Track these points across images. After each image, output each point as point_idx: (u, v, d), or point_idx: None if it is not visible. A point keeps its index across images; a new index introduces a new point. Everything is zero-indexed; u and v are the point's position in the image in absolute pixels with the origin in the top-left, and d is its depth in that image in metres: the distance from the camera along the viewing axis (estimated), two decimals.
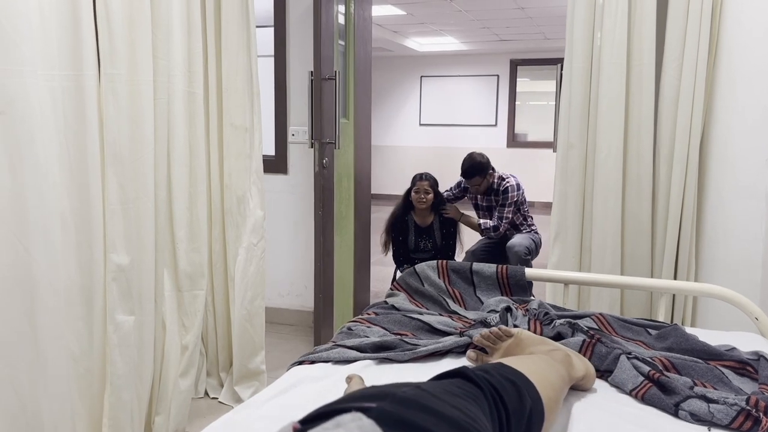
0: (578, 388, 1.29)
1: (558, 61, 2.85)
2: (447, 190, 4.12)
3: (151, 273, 2.14)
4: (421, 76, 10.06)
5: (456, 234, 3.88)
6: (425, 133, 10.12)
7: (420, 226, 3.86)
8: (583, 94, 2.51)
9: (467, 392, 0.87)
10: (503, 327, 1.38)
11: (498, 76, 9.62)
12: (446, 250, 3.86)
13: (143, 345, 2.12)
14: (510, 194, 3.83)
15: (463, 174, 3.87)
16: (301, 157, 3.70)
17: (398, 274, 3.98)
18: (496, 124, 9.70)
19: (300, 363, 1.41)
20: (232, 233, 2.68)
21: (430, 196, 3.78)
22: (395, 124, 10.27)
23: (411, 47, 9.04)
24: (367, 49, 3.75)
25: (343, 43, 3.53)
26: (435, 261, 1.97)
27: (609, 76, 2.43)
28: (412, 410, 0.72)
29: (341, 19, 3.46)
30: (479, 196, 3.99)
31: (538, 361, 1.19)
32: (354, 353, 1.43)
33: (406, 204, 3.87)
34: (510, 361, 1.09)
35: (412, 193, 3.82)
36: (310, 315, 3.69)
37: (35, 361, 1.70)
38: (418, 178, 3.84)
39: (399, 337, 1.52)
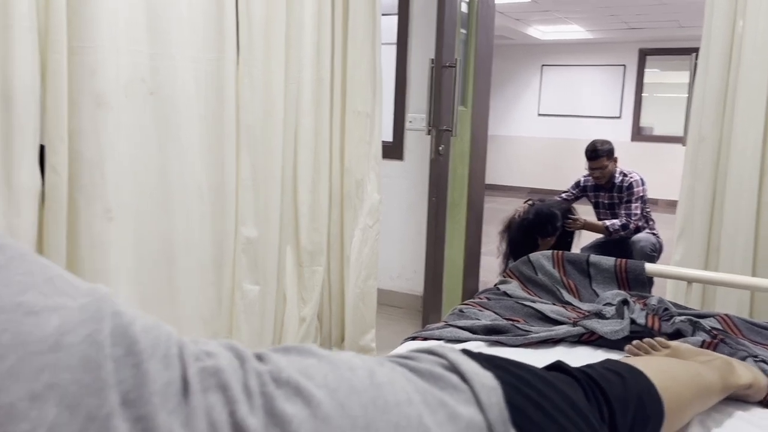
0: (743, 398, 1.24)
1: (692, 51, 2.70)
2: (564, 192, 4.01)
3: (275, 247, 2.29)
4: (542, 65, 9.80)
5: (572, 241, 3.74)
6: (544, 124, 9.87)
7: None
8: (720, 85, 2.37)
9: (563, 380, 0.88)
10: (659, 339, 1.34)
11: (624, 66, 9.18)
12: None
13: (265, 314, 2.27)
14: (635, 189, 3.67)
15: (589, 155, 3.74)
16: (417, 143, 3.75)
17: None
18: (620, 117, 9.28)
19: (413, 338, 1.47)
20: (350, 215, 2.79)
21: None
22: (513, 114, 10.09)
23: (533, 35, 8.83)
24: (489, 37, 3.73)
25: (465, 31, 3.53)
26: (550, 251, 1.96)
27: (750, 67, 2.27)
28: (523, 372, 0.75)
29: (464, 7, 3.46)
30: (600, 193, 3.85)
31: (668, 361, 1.17)
32: (466, 334, 1.46)
33: (528, 239, 3.13)
34: (632, 360, 1.08)
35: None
36: (418, 299, 3.75)
37: (171, 321, 1.88)
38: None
39: (511, 322, 1.54)
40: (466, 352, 0.74)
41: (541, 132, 9.86)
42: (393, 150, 3.79)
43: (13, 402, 0.36)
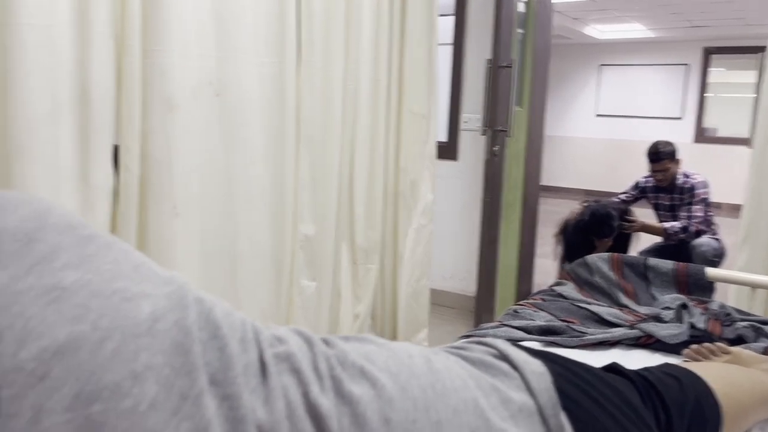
0: None
1: (760, 50, 2.61)
2: (623, 193, 3.92)
3: (331, 244, 2.34)
4: (600, 65, 9.60)
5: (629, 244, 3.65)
6: (602, 125, 9.66)
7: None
8: None
9: (617, 380, 0.88)
10: (720, 344, 1.32)
11: (687, 65, 8.90)
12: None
13: (321, 309, 2.33)
14: (698, 191, 3.55)
15: (652, 157, 3.63)
16: (471, 144, 3.75)
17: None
18: (681, 117, 9.00)
19: (467, 337, 1.49)
20: (404, 214, 2.82)
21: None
22: (569, 114, 9.92)
23: (590, 35, 8.66)
24: (546, 37, 3.69)
25: (522, 31, 3.51)
26: (607, 254, 1.94)
27: None
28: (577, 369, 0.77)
29: (521, 7, 3.44)
30: (661, 195, 3.75)
31: (727, 367, 1.15)
32: (520, 334, 1.47)
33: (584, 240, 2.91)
34: (691, 365, 1.07)
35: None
36: (471, 300, 3.75)
37: None
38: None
39: (566, 323, 1.54)
40: (515, 344, 0.77)
41: (599, 133, 9.66)
42: (447, 150, 3.80)
43: (119, 381, 0.40)
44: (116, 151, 1.66)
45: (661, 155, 3.59)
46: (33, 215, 0.43)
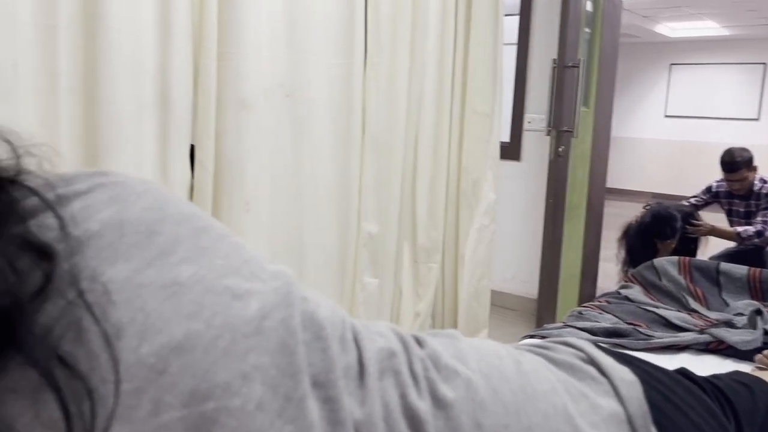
0: None
1: None
2: (693, 197, 3.78)
3: (393, 243, 2.38)
4: (671, 64, 9.28)
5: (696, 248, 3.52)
6: (671, 126, 9.34)
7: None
8: None
9: (695, 389, 0.86)
10: None
11: (765, 64, 8.50)
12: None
13: (383, 306, 2.36)
14: None
15: (727, 167, 3.43)
16: (534, 144, 3.71)
17: None
18: (758, 119, 8.60)
19: (531, 336, 1.49)
20: (466, 214, 2.83)
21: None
22: (637, 115, 9.63)
23: (661, 33, 8.39)
24: (615, 36, 3.62)
25: (589, 30, 3.45)
26: (676, 257, 1.89)
27: None
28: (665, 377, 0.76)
29: (589, 6, 3.39)
30: (735, 200, 3.59)
31: None
32: (585, 335, 1.46)
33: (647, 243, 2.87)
34: (762, 373, 1.05)
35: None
36: (532, 302, 3.71)
37: None
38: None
39: (632, 326, 1.52)
40: (598, 346, 0.75)
41: (668, 134, 9.34)
42: (510, 150, 3.78)
43: (229, 380, 0.40)
44: (192, 149, 1.74)
45: (737, 165, 3.38)
46: (154, 205, 0.44)
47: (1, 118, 1.27)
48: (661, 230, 2.77)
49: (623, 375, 0.68)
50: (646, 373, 0.73)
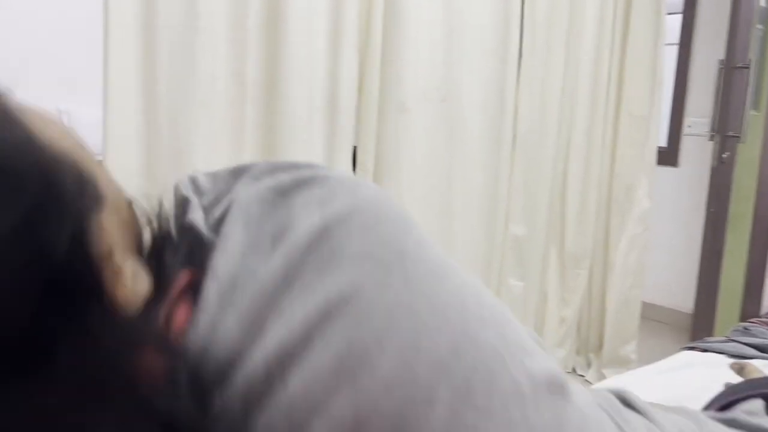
0: None
1: None
2: None
3: (540, 247, 2.37)
4: None
5: None
6: None
7: None
8: None
9: None
10: None
11: None
12: None
13: (527, 310, 2.37)
14: None
15: None
16: (694, 149, 3.50)
17: None
18: None
19: (690, 348, 1.44)
20: (617, 221, 2.74)
21: None
22: None
23: None
24: None
25: (761, 27, 3.20)
26: None
27: None
28: None
29: (763, 2, 3.13)
30: None
31: None
32: (752, 351, 1.39)
33: None
34: None
35: None
36: (686, 317, 3.50)
37: None
38: None
39: None
40: None
41: None
42: (667, 156, 3.59)
43: None
44: (354, 151, 1.87)
45: None
46: (389, 238, 0.37)
47: (200, 125, 1.45)
48: None
49: None
50: None
